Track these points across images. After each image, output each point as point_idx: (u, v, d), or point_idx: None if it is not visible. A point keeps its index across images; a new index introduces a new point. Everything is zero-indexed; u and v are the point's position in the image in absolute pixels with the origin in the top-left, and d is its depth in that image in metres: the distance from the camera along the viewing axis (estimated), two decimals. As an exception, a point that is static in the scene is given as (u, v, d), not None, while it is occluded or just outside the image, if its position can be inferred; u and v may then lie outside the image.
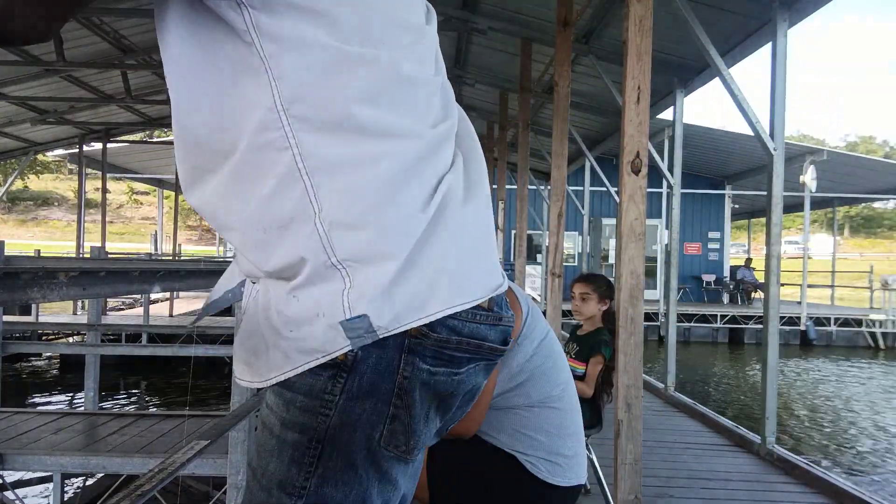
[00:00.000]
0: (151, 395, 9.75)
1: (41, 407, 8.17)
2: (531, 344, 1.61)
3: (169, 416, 4.94)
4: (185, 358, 11.22)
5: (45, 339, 11.03)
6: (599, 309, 3.17)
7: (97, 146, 13.74)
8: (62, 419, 4.78)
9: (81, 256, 11.56)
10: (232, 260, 1.04)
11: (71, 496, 5.30)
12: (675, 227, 6.52)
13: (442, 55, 0.94)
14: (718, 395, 10.31)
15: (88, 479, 5.44)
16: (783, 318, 14.70)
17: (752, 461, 4.35)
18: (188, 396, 9.54)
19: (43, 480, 5.48)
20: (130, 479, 4.17)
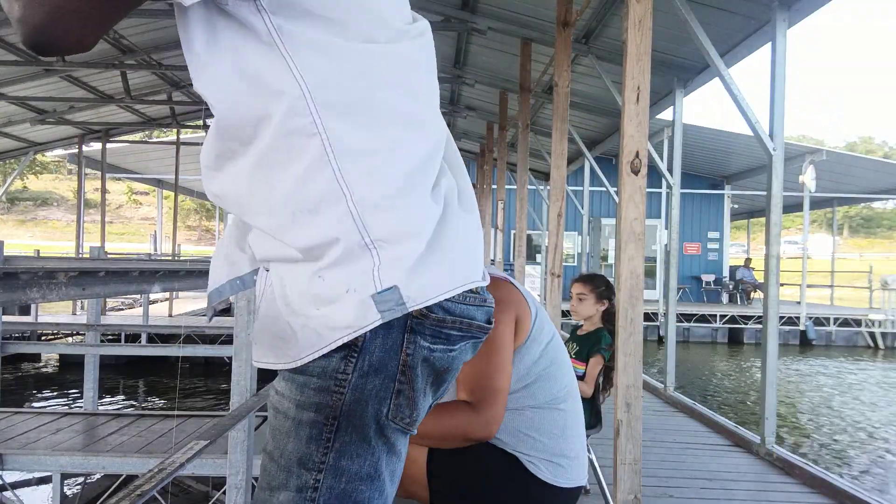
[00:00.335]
0: (151, 395, 9.74)
1: (41, 407, 8.16)
2: (539, 346, 1.61)
3: (168, 416, 4.94)
4: (184, 358, 11.24)
5: (44, 339, 11.03)
6: (598, 309, 3.17)
7: (96, 146, 13.74)
8: (62, 419, 4.78)
9: (81, 257, 11.56)
10: (216, 251, 1.07)
11: (71, 496, 5.30)
12: (674, 227, 6.52)
13: (441, 57, 0.97)
14: (718, 394, 10.31)
15: (88, 479, 5.43)
16: (783, 318, 14.70)
17: (751, 461, 4.35)
18: (176, 397, 9.54)
19: (43, 480, 5.48)
20: (130, 479, 4.17)
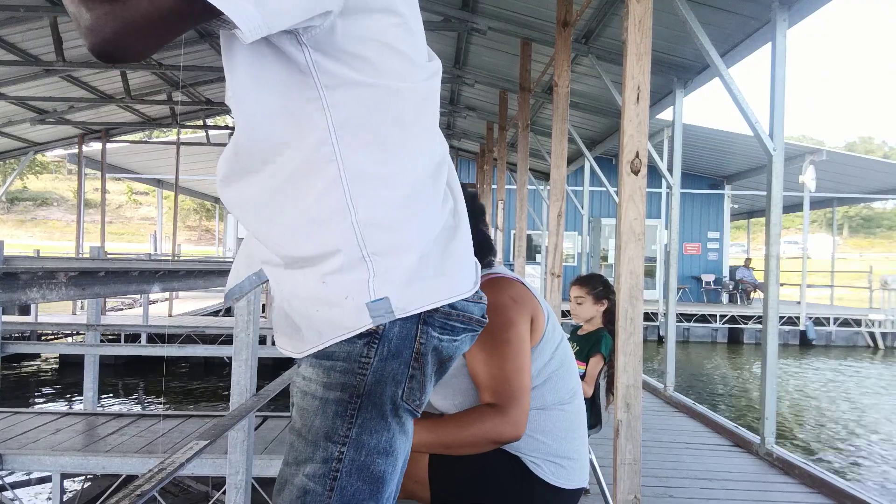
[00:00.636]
0: (151, 395, 9.74)
1: (41, 407, 8.16)
2: (552, 347, 1.62)
3: (168, 416, 4.94)
4: (184, 358, 11.24)
5: (44, 339, 11.02)
6: (597, 310, 3.16)
7: (96, 146, 13.73)
8: (61, 419, 4.78)
9: (81, 257, 11.55)
10: (239, 252, 1.21)
11: (71, 496, 5.30)
12: (674, 227, 6.52)
13: (441, 57, 1.12)
14: (718, 394, 10.31)
15: (88, 479, 5.43)
16: (782, 318, 14.70)
17: (751, 461, 4.35)
18: (163, 392, 9.55)
19: (43, 480, 5.48)
20: (130, 479, 4.17)
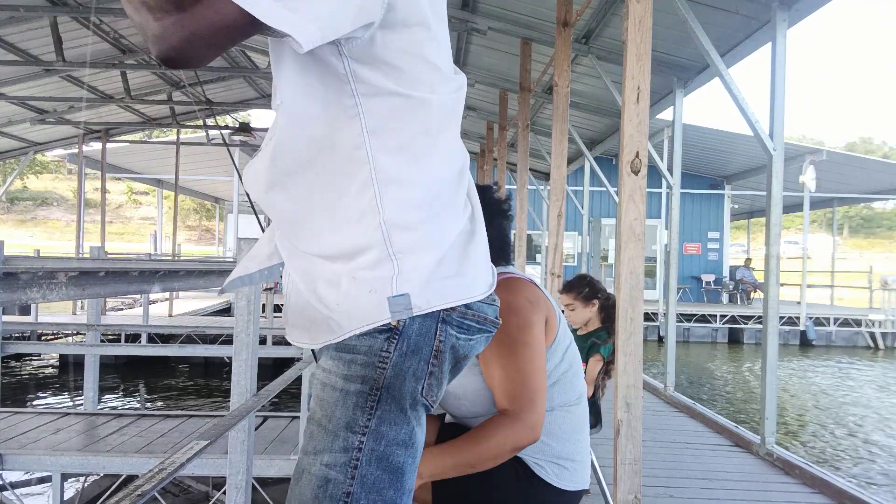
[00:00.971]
0: (151, 395, 9.74)
1: (41, 407, 8.16)
2: (562, 349, 1.62)
3: (168, 416, 4.94)
4: (184, 358, 11.25)
5: (44, 339, 11.02)
6: (590, 311, 3.15)
7: (96, 146, 13.73)
8: (62, 419, 4.78)
9: (81, 257, 11.56)
10: (256, 244, 1.25)
11: (71, 496, 5.30)
12: (674, 227, 6.52)
13: None
14: (718, 394, 10.31)
15: (88, 479, 5.43)
16: (783, 318, 14.70)
17: (751, 461, 4.35)
18: (153, 396, 9.52)
19: (43, 480, 5.48)
20: (130, 479, 4.17)
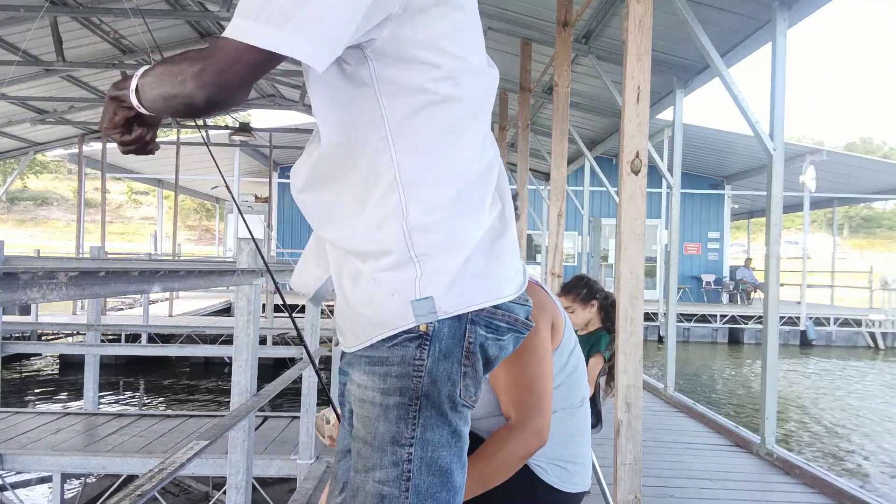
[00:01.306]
0: (151, 395, 9.74)
1: (41, 407, 8.16)
2: (567, 352, 1.62)
3: (168, 416, 4.94)
4: (184, 358, 11.25)
5: (44, 339, 11.02)
6: (589, 312, 3.13)
7: (97, 146, 13.73)
8: (62, 419, 4.79)
9: (81, 256, 11.56)
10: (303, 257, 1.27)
11: (71, 496, 5.30)
12: (674, 227, 6.52)
13: None
14: (718, 394, 10.31)
15: (88, 479, 5.43)
16: (783, 318, 14.69)
17: (751, 461, 4.35)
18: (141, 395, 9.52)
19: (43, 480, 5.48)
20: (130, 479, 4.17)
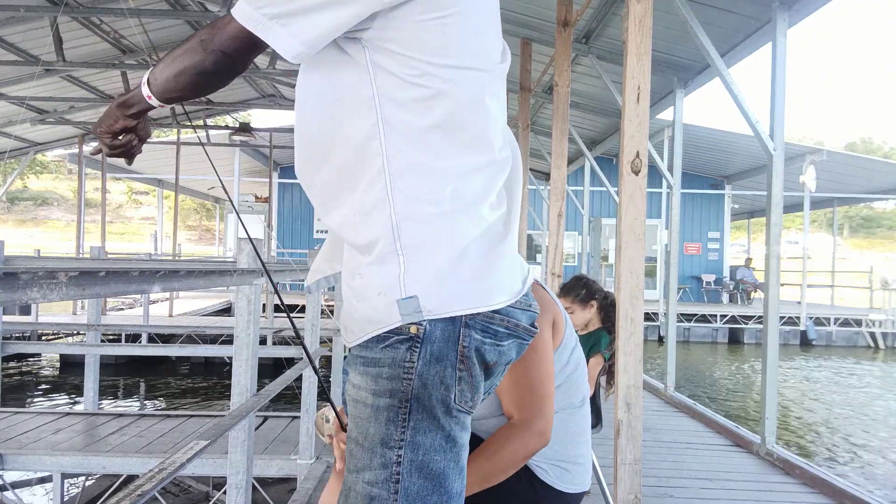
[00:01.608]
0: (151, 395, 9.75)
1: (41, 407, 8.16)
2: (568, 351, 1.62)
3: (169, 416, 4.94)
4: (184, 358, 11.25)
5: (44, 339, 11.02)
6: (589, 312, 3.13)
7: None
8: (62, 419, 4.79)
9: (81, 256, 11.55)
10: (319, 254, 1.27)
11: (71, 496, 5.30)
12: (674, 227, 6.52)
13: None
14: (718, 394, 10.31)
15: (88, 479, 5.43)
16: (783, 317, 14.69)
17: (751, 461, 4.35)
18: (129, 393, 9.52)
19: (43, 480, 5.48)
20: (130, 479, 4.17)
